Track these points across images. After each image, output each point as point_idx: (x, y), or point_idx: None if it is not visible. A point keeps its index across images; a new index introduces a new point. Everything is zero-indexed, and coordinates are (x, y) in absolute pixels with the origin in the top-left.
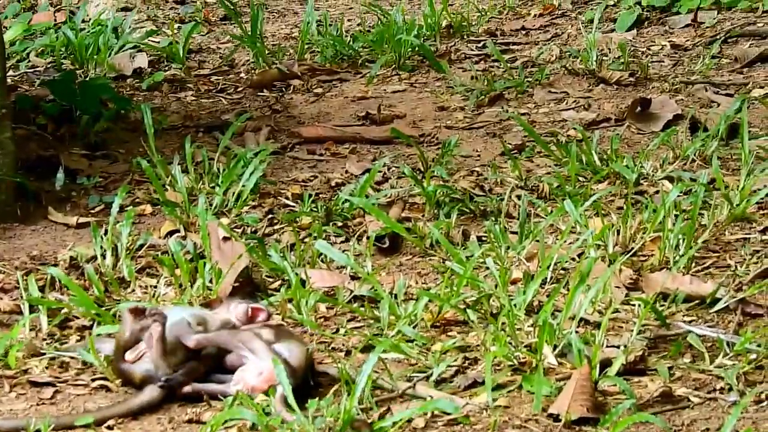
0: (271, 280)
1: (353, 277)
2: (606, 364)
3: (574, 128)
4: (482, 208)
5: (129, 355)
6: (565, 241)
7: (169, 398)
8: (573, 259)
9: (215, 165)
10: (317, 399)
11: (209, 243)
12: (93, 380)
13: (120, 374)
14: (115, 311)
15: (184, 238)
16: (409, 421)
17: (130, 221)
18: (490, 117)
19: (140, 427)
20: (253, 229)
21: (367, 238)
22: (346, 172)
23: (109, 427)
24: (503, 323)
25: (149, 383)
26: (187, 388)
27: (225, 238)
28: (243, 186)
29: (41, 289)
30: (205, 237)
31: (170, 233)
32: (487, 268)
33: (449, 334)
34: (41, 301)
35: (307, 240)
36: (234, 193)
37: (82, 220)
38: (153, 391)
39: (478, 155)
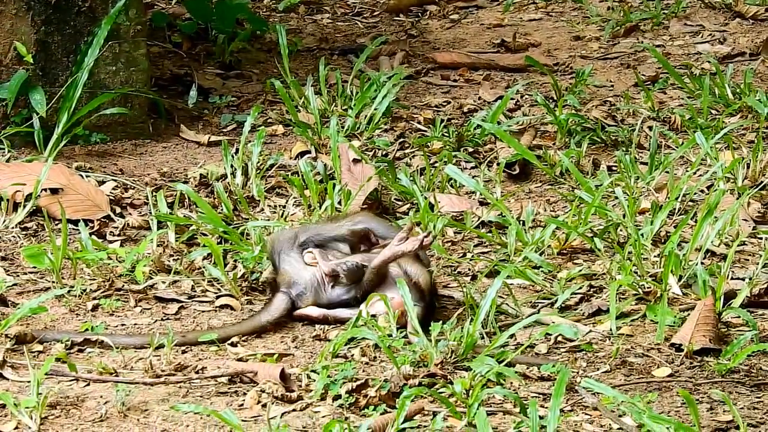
0: (399, 203)
1: (482, 203)
2: (730, 296)
3: (709, 61)
4: (613, 138)
5: (309, 258)
6: (694, 173)
7: (291, 317)
8: (702, 191)
9: (348, 88)
10: (441, 322)
11: (339, 164)
12: (218, 297)
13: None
14: (243, 230)
15: (315, 159)
16: (532, 346)
17: (261, 141)
18: (624, 48)
19: (263, 344)
20: (384, 152)
21: (498, 164)
22: (479, 98)
23: (233, 344)
24: (629, 252)
25: (279, 290)
26: (317, 314)
27: (355, 160)
28: (375, 109)
29: (170, 205)
30: (336, 158)
31: (301, 154)
32: (616, 197)
33: (575, 261)
34: (170, 218)
35: (437, 165)
36: (366, 116)
37: (214, 138)
38: (282, 302)
39: (612, 85)
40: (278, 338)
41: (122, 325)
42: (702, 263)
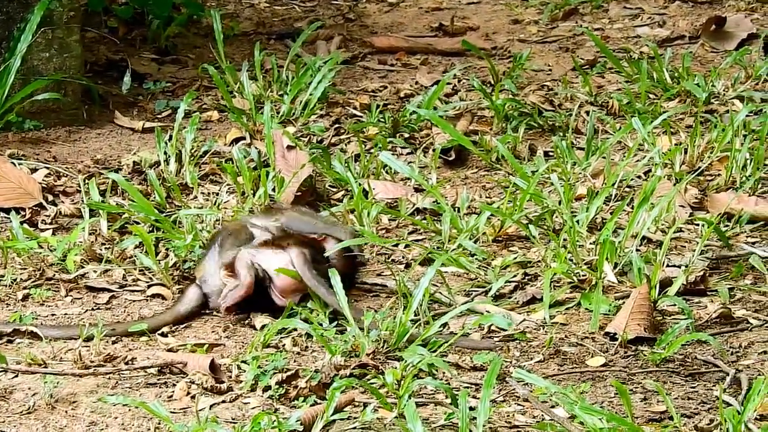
0: (334, 190)
1: (417, 190)
2: (666, 283)
3: (647, 45)
4: (550, 123)
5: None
6: (631, 159)
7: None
8: (639, 177)
9: (284, 73)
10: (373, 311)
11: (273, 151)
12: (149, 286)
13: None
14: (175, 218)
15: (250, 145)
16: (466, 335)
17: (194, 127)
18: (563, 31)
19: (195, 334)
20: (319, 139)
21: (433, 150)
22: (416, 83)
23: (164, 334)
24: (565, 240)
25: (194, 286)
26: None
27: (289, 147)
28: (311, 95)
29: (102, 193)
30: (270, 145)
31: (236, 140)
32: (552, 183)
33: (510, 249)
34: (101, 206)
35: (372, 151)
36: (301, 101)
37: (148, 124)
38: (194, 294)
39: (550, 70)
40: (209, 328)
41: (52, 315)
42: (638, 250)
